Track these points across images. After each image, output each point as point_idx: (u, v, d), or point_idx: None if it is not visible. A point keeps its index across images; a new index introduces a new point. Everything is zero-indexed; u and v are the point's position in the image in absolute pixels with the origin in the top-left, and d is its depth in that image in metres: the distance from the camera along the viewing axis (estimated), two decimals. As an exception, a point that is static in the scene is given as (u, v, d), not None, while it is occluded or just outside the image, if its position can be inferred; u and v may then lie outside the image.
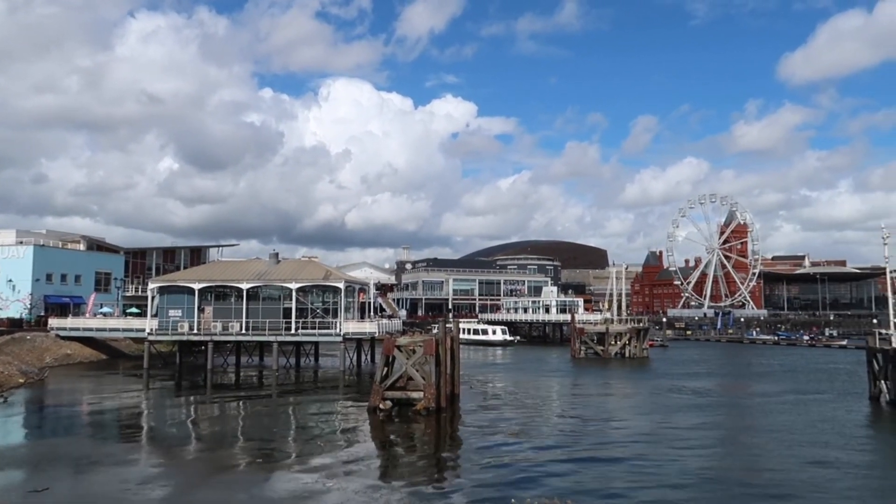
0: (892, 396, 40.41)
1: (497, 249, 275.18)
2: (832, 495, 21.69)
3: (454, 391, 41.50)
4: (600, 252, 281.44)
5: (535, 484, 22.52)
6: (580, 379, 57.38)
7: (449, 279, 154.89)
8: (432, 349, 36.86)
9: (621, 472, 24.48)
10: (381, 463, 26.81)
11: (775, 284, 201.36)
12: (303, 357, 65.59)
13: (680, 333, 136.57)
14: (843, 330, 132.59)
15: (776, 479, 23.69)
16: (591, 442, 29.95)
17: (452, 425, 34.45)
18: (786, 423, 35.20)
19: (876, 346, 43.18)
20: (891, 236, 47.38)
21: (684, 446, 29.05)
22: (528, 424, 34.34)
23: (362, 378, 53.96)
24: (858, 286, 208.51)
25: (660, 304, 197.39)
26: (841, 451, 28.28)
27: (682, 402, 43.05)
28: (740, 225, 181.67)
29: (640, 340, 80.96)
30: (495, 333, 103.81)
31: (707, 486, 22.71)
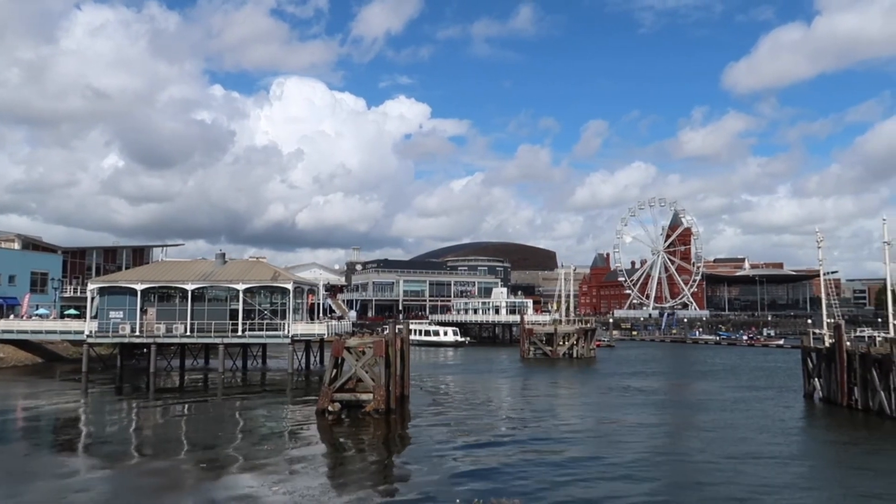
0: (825, 394, 42.12)
1: (448, 251, 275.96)
2: (771, 488, 22.44)
3: (404, 392, 41.41)
4: (550, 254, 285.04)
5: (483, 484, 22.63)
6: (529, 379, 57.98)
7: (399, 280, 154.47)
8: (382, 350, 36.69)
9: (570, 471, 24.82)
10: (329, 466, 26.52)
11: (717, 286, 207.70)
12: (250, 359, 64.41)
13: (626, 334, 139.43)
14: (780, 330, 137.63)
15: (719, 473, 24.40)
16: (540, 442, 30.27)
17: (402, 427, 34.35)
18: (727, 420, 36.31)
19: (810, 345, 44.97)
20: (825, 240, 49.42)
21: (631, 444, 29.67)
22: (477, 425, 34.49)
23: (311, 380, 53.31)
24: (795, 288, 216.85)
25: (607, 305, 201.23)
26: (778, 446, 29.36)
27: (628, 401, 43.95)
28: (684, 228, 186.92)
29: (587, 341, 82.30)
30: (446, 334, 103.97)
31: (653, 482, 23.24)
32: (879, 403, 36.15)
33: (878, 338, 41.28)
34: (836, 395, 40.03)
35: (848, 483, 23.81)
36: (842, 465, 27.19)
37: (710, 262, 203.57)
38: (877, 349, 37.50)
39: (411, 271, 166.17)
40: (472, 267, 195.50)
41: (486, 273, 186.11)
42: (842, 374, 39.46)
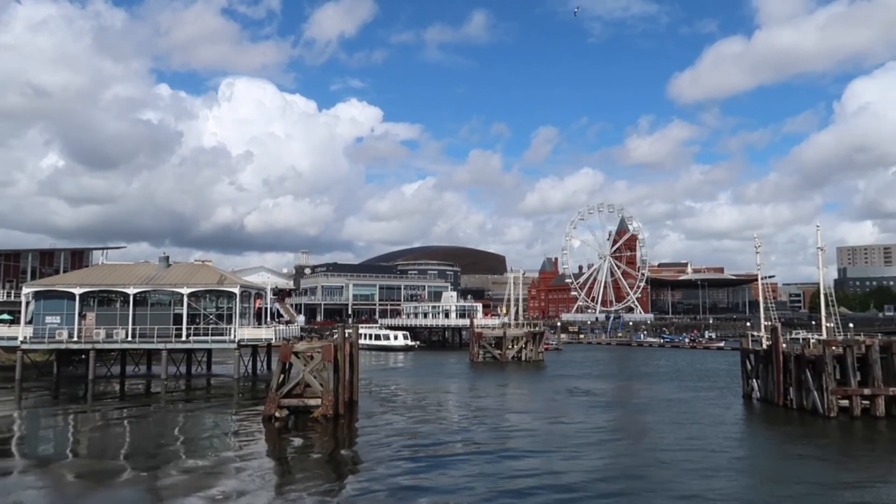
0: (762, 394, 43.65)
1: (398, 255, 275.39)
2: (710, 483, 23.12)
3: (353, 397, 41.11)
4: (499, 258, 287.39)
5: (432, 489, 22.66)
6: (478, 383, 58.28)
7: (349, 284, 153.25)
8: (330, 355, 36.35)
9: (518, 474, 25.03)
10: (276, 473, 26.10)
11: (661, 290, 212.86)
12: (195, 365, 62.86)
13: (574, 337, 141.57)
14: (721, 333, 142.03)
15: (663, 471, 25.02)
16: (489, 445, 30.43)
17: (350, 432, 34.09)
18: (670, 419, 37.25)
19: (748, 347, 46.55)
20: (762, 246, 51.32)
21: (579, 445, 30.13)
22: (426, 429, 34.48)
23: (258, 386, 52.36)
24: (735, 292, 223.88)
25: (555, 309, 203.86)
26: (717, 444, 30.27)
27: (575, 403, 44.63)
28: (630, 234, 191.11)
29: (535, 344, 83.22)
30: (397, 339, 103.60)
31: (601, 482, 23.62)
32: (813, 403, 37.65)
33: (812, 340, 42.96)
34: (773, 395, 41.52)
35: (780, 478, 24.73)
36: (775, 461, 28.21)
37: (654, 266, 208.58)
38: (810, 351, 39.05)
39: (361, 275, 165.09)
40: (423, 271, 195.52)
41: (436, 277, 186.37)
42: (778, 375, 40.96)
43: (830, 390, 36.55)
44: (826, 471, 25.99)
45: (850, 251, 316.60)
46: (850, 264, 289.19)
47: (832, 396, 36.51)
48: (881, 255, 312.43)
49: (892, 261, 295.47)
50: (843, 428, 34.48)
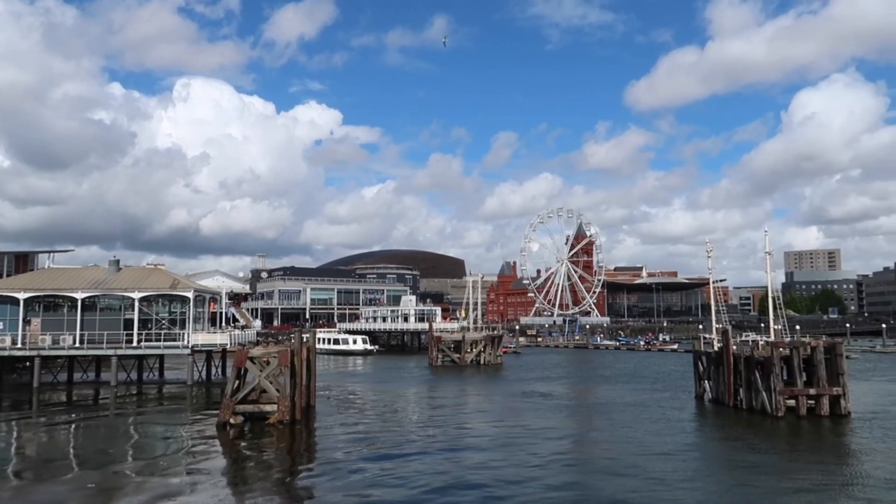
0: (714, 395, 44.67)
1: (357, 258, 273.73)
2: (663, 481, 23.54)
3: (310, 403, 40.65)
4: (459, 262, 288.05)
5: (389, 495, 22.52)
6: (437, 386, 58.25)
7: (307, 288, 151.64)
8: (287, 360, 35.86)
9: (477, 479, 25.03)
10: (230, 481, 25.60)
11: (617, 293, 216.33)
12: (146, 372, 61.30)
13: (532, 340, 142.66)
14: (675, 335, 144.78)
15: (618, 470, 25.37)
16: (448, 449, 30.41)
17: (308, 438, 33.69)
18: (626, 421, 37.80)
19: (700, 349, 47.60)
20: (714, 250, 52.63)
21: (537, 447, 30.32)
22: (384, 434, 34.29)
23: (212, 392, 51.29)
24: (688, 295, 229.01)
25: (514, 312, 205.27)
26: (671, 444, 30.84)
27: (534, 406, 44.96)
28: (587, 238, 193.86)
29: (494, 348, 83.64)
30: (356, 343, 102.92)
31: (558, 485, 23.82)
32: (762, 403, 38.69)
33: (761, 342, 44.16)
34: (724, 395, 42.52)
35: (731, 479, 25.34)
36: (725, 460, 28.90)
37: (610, 270, 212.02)
38: (759, 352, 40.12)
39: (319, 279, 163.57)
40: (382, 275, 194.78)
41: (395, 281, 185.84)
42: (728, 377, 41.98)
43: (778, 391, 37.62)
44: (774, 470, 26.69)
45: (796, 256, 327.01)
46: (797, 268, 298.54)
47: (779, 397, 37.57)
48: (826, 259, 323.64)
49: (836, 265, 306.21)
50: (790, 427, 35.50)
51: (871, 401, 44.80)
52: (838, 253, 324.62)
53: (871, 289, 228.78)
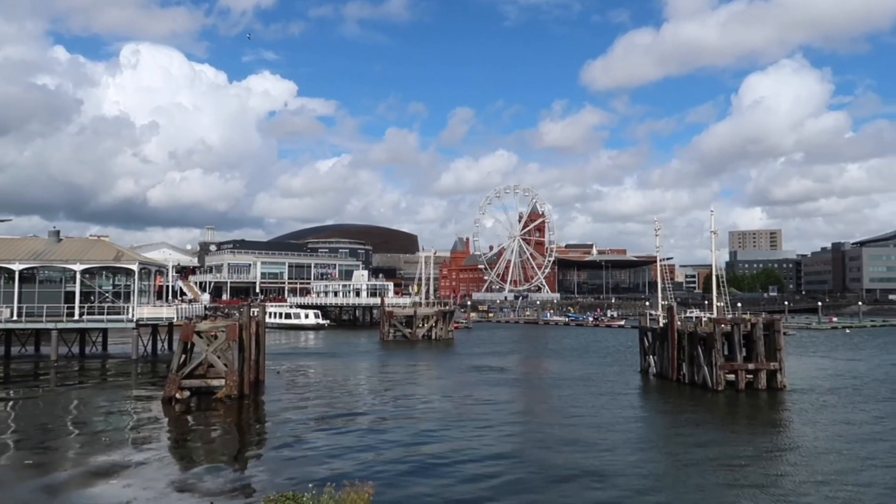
0: (658, 369, 45.97)
1: (309, 232, 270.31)
2: (608, 451, 24.20)
3: (259, 377, 40.26)
4: (412, 237, 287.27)
5: (338, 468, 22.53)
6: (388, 361, 58.38)
7: (257, 262, 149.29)
8: (235, 334, 35.36)
9: (425, 452, 25.28)
10: (177, 456, 25.24)
11: (567, 270, 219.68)
12: (89, 346, 59.63)
13: (483, 316, 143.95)
14: (622, 311, 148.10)
15: (565, 441, 25.95)
16: (397, 423, 30.60)
17: (256, 412, 33.43)
18: (573, 394, 38.64)
19: (646, 325, 48.82)
20: (662, 229, 53.81)
21: (486, 420, 30.73)
22: (334, 408, 34.25)
23: (158, 367, 50.27)
24: (636, 272, 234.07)
25: (466, 288, 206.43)
26: (615, 416, 31.69)
27: (483, 380, 45.49)
28: (539, 215, 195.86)
29: (446, 323, 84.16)
30: (307, 317, 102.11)
31: (507, 455, 24.21)
32: (703, 378, 40.00)
33: (704, 318, 45.53)
34: (668, 370, 43.81)
35: (671, 449, 26.22)
36: (666, 431, 29.87)
37: (562, 247, 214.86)
38: (702, 329, 41.37)
39: (270, 253, 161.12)
40: (334, 249, 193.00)
41: (347, 255, 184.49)
42: (672, 352, 43.21)
43: (719, 365, 38.94)
44: (712, 441, 27.70)
45: (740, 235, 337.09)
46: (741, 248, 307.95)
47: (720, 371, 38.91)
48: (768, 239, 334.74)
49: (777, 245, 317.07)
50: (728, 400, 36.86)
51: (806, 375, 46.77)
52: (779, 233, 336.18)
53: (808, 268, 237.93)
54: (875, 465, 23.45)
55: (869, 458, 24.39)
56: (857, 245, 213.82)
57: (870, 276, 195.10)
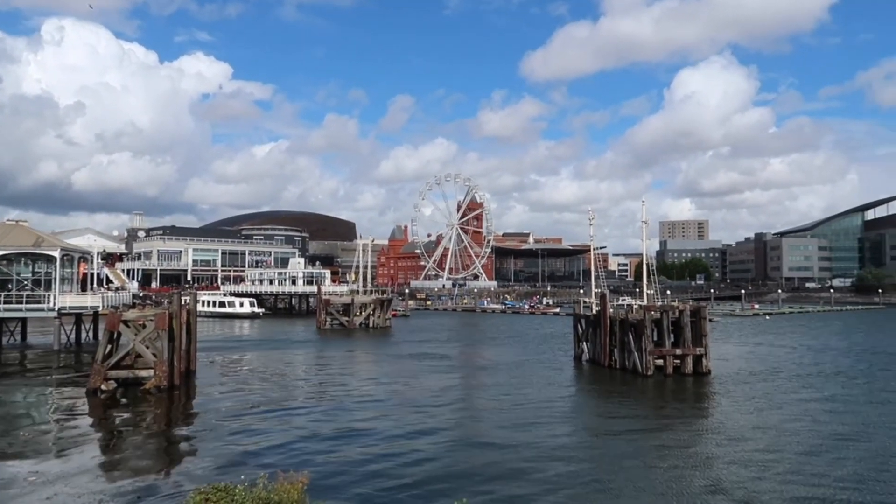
0: (591, 356, 47.11)
1: (244, 219, 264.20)
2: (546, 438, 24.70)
3: (190, 367, 39.20)
4: (350, 225, 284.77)
5: (272, 458, 22.20)
6: (325, 349, 57.83)
7: (188, 249, 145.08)
8: (165, 323, 34.27)
9: (361, 440, 25.17)
10: (101, 449, 24.35)
11: (505, 258, 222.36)
12: (6, 336, 56.70)
13: (421, 304, 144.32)
14: (558, 299, 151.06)
15: (501, 424, 26.31)
16: (333, 412, 30.34)
17: (187, 403, 32.56)
18: (508, 380, 39.19)
19: (580, 313, 49.91)
20: (596, 219, 55.02)
21: (422, 409, 30.82)
22: (269, 398, 33.68)
23: (82, 358, 48.29)
24: (571, 261, 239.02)
25: (404, 276, 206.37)
26: (550, 402, 32.35)
27: (420, 367, 45.62)
28: (477, 203, 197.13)
29: (383, 311, 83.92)
30: (242, 306, 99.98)
31: (444, 440, 24.37)
32: (633, 363, 41.24)
33: (635, 306, 46.89)
34: (600, 356, 44.94)
35: (601, 430, 26.98)
36: (597, 414, 30.70)
37: (499, 236, 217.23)
38: (633, 315, 42.59)
39: (202, 239, 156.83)
40: (269, 236, 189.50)
41: (283, 242, 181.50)
42: (605, 338, 44.34)
43: (648, 351, 40.22)
44: (640, 423, 28.65)
45: (670, 225, 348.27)
46: (670, 237, 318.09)
47: (649, 357, 40.20)
48: (696, 229, 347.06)
49: (704, 235, 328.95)
50: (657, 385, 38.14)
51: (729, 360, 48.85)
52: (707, 223, 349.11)
53: (733, 257, 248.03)
54: (789, 440, 24.76)
55: (785, 434, 25.75)
56: (777, 235, 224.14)
57: (789, 266, 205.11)
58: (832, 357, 52.02)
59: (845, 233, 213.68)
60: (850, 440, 25.12)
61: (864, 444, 24.60)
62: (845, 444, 24.42)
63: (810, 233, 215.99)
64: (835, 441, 24.99)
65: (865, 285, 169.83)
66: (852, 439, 25.25)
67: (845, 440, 25.10)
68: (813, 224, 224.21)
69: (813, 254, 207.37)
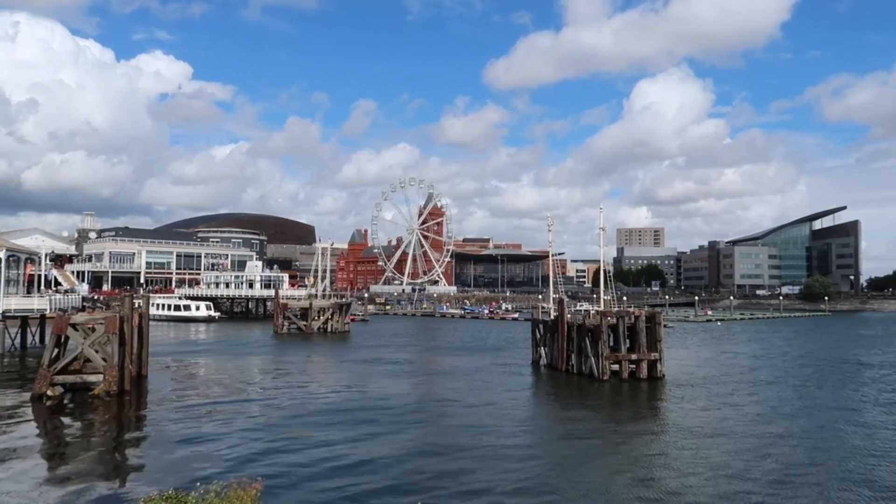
0: (548, 360, 47.53)
1: (200, 221, 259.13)
2: (502, 440, 24.78)
3: (142, 372, 38.26)
4: (309, 228, 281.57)
5: (226, 466, 21.79)
6: (282, 354, 57.04)
7: (142, 251, 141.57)
8: (115, 327, 33.38)
9: (316, 447, 24.84)
10: (46, 457, 23.51)
11: (465, 263, 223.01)
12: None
13: (380, 308, 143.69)
14: (517, 304, 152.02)
15: (459, 432, 26.29)
16: (288, 418, 29.91)
17: (138, 409, 31.71)
18: (466, 385, 39.23)
19: (538, 318, 50.33)
20: (555, 225, 55.56)
21: (379, 415, 30.59)
22: (223, 404, 33.04)
23: (27, 362, 46.66)
24: (530, 266, 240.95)
25: (364, 281, 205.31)
26: (507, 406, 32.49)
27: (378, 372, 45.35)
28: (438, 209, 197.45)
29: (342, 315, 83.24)
30: (198, 309, 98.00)
31: (399, 450, 24.22)
32: (590, 368, 41.74)
33: (592, 311, 47.48)
34: (558, 361, 45.37)
35: (559, 434, 27.21)
36: (555, 420, 30.95)
37: (459, 241, 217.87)
38: (590, 321, 43.13)
39: (156, 241, 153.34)
40: (226, 239, 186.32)
41: (240, 245, 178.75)
42: (562, 343, 44.78)
43: (605, 356, 40.76)
44: (595, 426, 28.99)
45: (627, 233, 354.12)
46: (627, 244, 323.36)
47: (606, 362, 40.74)
48: (652, 237, 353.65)
49: (660, 242, 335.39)
50: (612, 389, 38.67)
51: (682, 365, 49.81)
52: (662, 231, 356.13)
53: (687, 264, 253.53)
54: (737, 441, 25.35)
55: (733, 435, 26.37)
56: (730, 244, 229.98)
57: (741, 273, 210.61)
58: (780, 363, 53.57)
59: (794, 242, 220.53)
60: (792, 440, 25.87)
61: (803, 444, 25.35)
62: (784, 445, 25.16)
63: (761, 241, 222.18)
64: (773, 440, 25.79)
65: (813, 293, 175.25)
66: (793, 439, 26.01)
67: (784, 439, 25.86)
68: (764, 233, 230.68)
69: (763, 262, 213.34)
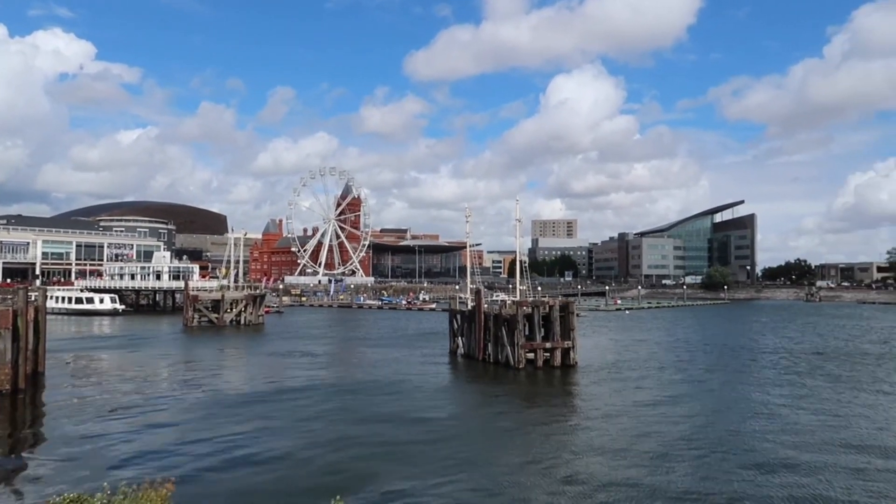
0: (465, 350, 48.12)
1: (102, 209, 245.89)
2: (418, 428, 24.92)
3: (38, 369, 36.07)
4: (220, 217, 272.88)
5: (133, 466, 20.88)
6: (192, 348, 55.15)
7: (38, 240, 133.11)
8: (8, 321, 31.28)
9: (227, 444, 24.13)
10: (-71, 463, 21.81)
11: (382, 254, 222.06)
12: None
13: (296, 300, 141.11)
14: (434, 295, 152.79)
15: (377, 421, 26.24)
16: (198, 415, 28.96)
17: (34, 409, 29.96)
18: (384, 375, 39.22)
19: (456, 308, 50.82)
20: (472, 217, 56.23)
21: (293, 409, 30.11)
22: (128, 401, 31.59)
23: None
24: (448, 257, 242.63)
25: (278, 271, 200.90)
26: (425, 396, 32.72)
27: (293, 365, 44.61)
28: (355, 199, 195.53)
29: (256, 307, 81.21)
30: (103, 302, 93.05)
31: (313, 444, 23.92)
32: (506, 357, 42.55)
33: (508, 301, 48.37)
34: (475, 350, 46.00)
35: (475, 421, 27.66)
36: (471, 405, 31.45)
37: (377, 232, 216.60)
38: (506, 311, 43.92)
39: (54, 230, 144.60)
40: (131, 228, 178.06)
41: (147, 235, 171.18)
42: (479, 333, 45.43)
43: (520, 345, 41.65)
44: (511, 411, 29.63)
45: (542, 224, 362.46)
46: (542, 235, 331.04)
47: (521, 350, 41.64)
48: (565, 228, 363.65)
49: (573, 234, 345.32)
50: (528, 376, 39.61)
51: (594, 352, 51.58)
52: (575, 223, 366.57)
53: (598, 255, 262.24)
54: (646, 423, 26.58)
55: (642, 417, 27.65)
56: (638, 235, 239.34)
57: (648, 263, 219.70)
58: (684, 349, 56.41)
59: (697, 234, 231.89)
60: (692, 420, 27.36)
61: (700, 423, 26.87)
62: (683, 424, 26.60)
63: (667, 233, 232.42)
64: (674, 421, 27.21)
65: (713, 282, 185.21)
66: (694, 418, 27.52)
67: (686, 419, 27.32)
68: (669, 225, 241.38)
69: (669, 253, 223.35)
